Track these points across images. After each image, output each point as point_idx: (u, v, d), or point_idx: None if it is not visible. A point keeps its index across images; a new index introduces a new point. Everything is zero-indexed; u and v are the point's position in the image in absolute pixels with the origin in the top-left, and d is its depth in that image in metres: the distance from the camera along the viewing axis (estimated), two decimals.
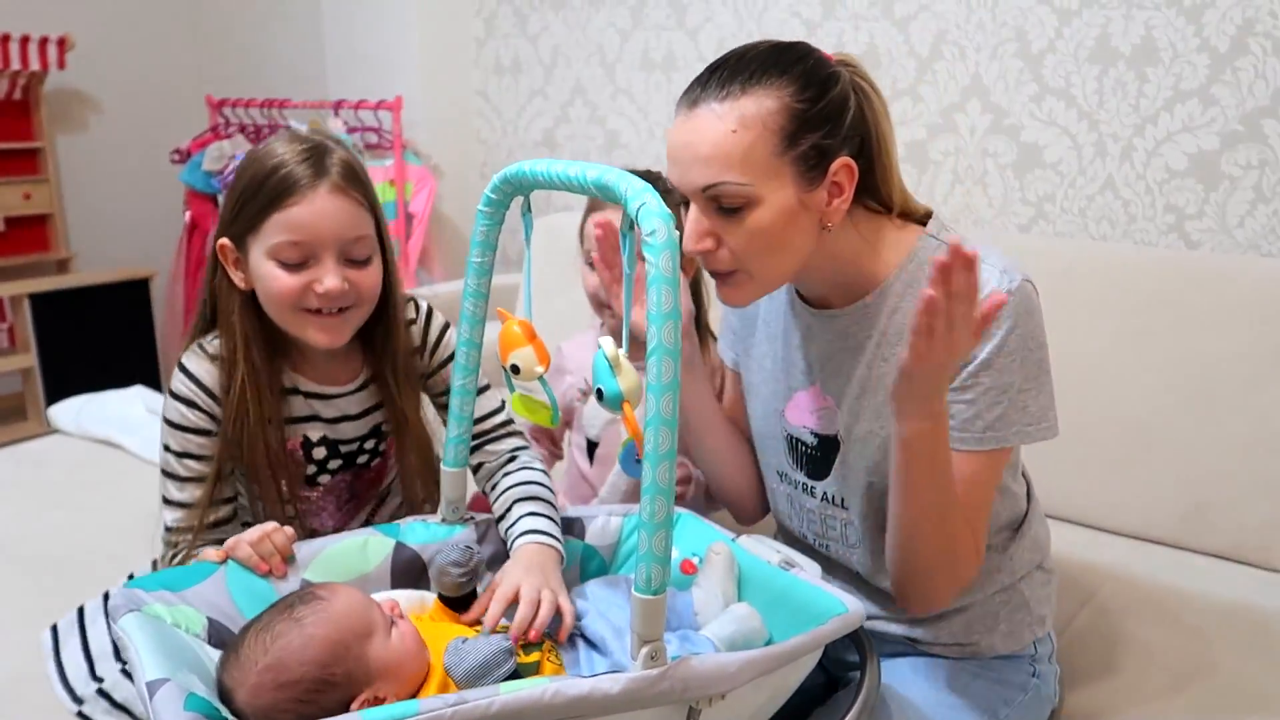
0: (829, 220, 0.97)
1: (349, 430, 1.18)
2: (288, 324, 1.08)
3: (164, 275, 3.42)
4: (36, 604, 1.30)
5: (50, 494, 1.67)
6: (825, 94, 0.94)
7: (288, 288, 1.04)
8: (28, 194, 3.33)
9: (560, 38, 2.73)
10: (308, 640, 0.84)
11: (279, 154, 1.05)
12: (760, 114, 0.92)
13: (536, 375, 0.95)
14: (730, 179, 0.93)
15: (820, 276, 1.04)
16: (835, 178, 0.96)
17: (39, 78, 3.28)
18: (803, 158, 0.94)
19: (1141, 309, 1.57)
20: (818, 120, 0.94)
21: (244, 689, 0.83)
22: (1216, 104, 1.74)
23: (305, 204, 1.02)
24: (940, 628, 1.09)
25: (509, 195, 0.97)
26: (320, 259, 1.04)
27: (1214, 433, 1.49)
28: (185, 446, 1.10)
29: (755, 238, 0.95)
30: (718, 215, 0.96)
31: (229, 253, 1.07)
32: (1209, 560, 1.49)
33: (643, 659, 0.78)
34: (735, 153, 0.92)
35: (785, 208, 0.94)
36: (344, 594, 0.90)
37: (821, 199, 0.96)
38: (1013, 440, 0.98)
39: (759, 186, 0.93)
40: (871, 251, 1.02)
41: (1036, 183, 1.97)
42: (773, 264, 0.98)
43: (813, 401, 1.09)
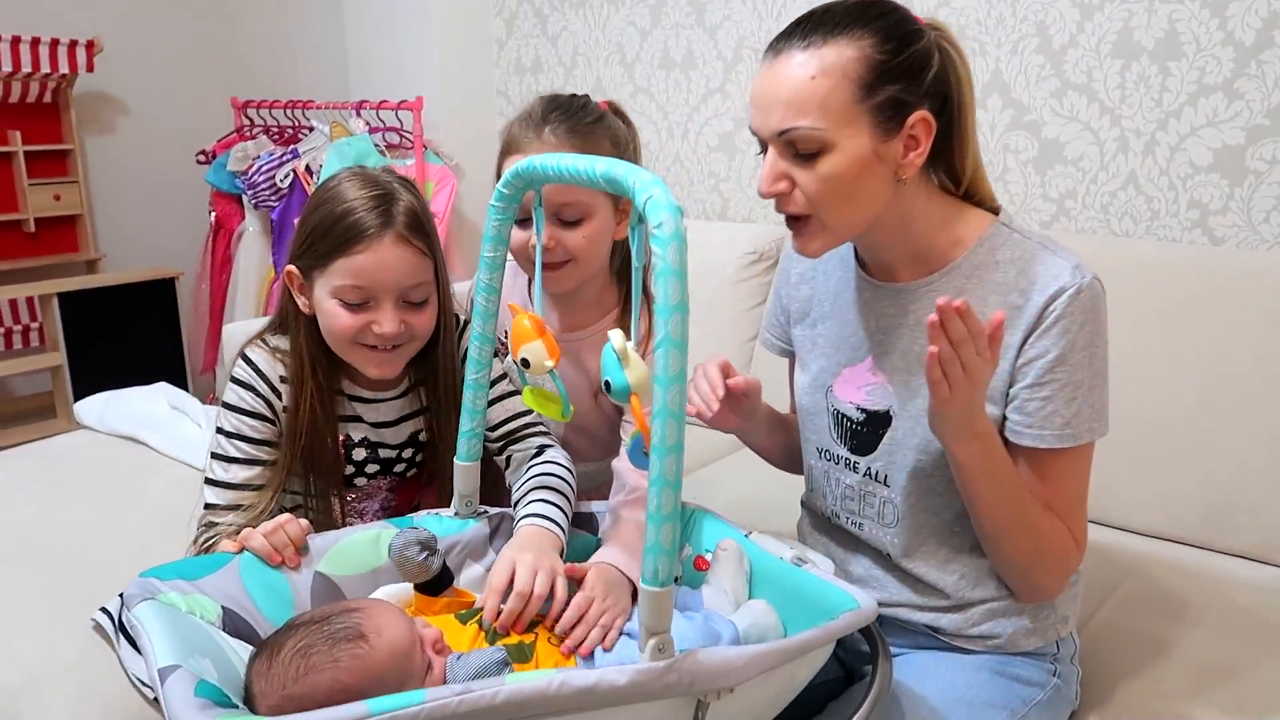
0: (904, 174, 0.98)
1: (389, 435, 1.21)
2: (344, 354, 1.14)
3: (190, 275, 3.46)
4: (62, 597, 1.32)
5: (75, 489, 1.69)
6: (907, 47, 0.96)
7: (347, 325, 1.09)
8: (58, 195, 3.38)
9: (580, 37, 2.74)
10: (336, 686, 0.83)
11: (350, 198, 1.09)
12: (840, 62, 0.94)
13: (547, 369, 0.95)
14: (806, 123, 0.94)
15: (891, 242, 1.05)
16: (912, 131, 0.97)
17: (68, 80, 3.32)
18: (880, 108, 0.95)
19: (1165, 306, 1.55)
20: (897, 72, 0.95)
21: (266, 704, 0.83)
22: (1241, 98, 1.71)
23: (370, 253, 1.07)
24: (965, 619, 1.08)
25: (520, 190, 0.97)
26: (380, 303, 1.09)
27: (1237, 431, 1.47)
28: (238, 428, 1.14)
29: (828, 183, 0.96)
30: (794, 160, 0.97)
31: (295, 279, 1.13)
32: (1231, 560, 1.47)
33: (650, 651, 0.78)
34: (813, 98, 0.94)
35: (859, 155, 0.95)
36: (389, 638, 0.86)
37: (897, 151, 0.97)
38: (1089, 436, 1.00)
39: (834, 132, 0.94)
40: (944, 227, 1.04)
41: (1058, 179, 1.95)
42: (844, 212, 0.99)
43: (863, 377, 1.10)
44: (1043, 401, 0.98)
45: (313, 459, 1.16)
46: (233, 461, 1.14)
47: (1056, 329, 0.97)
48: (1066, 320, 0.97)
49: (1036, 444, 0.99)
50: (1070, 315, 0.96)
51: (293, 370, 1.15)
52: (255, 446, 1.14)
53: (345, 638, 0.85)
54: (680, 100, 2.56)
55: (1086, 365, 0.98)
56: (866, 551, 1.14)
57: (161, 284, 3.40)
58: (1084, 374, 0.98)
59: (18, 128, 3.26)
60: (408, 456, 1.23)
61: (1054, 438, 0.99)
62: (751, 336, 2.12)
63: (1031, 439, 0.99)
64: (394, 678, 0.85)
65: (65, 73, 3.25)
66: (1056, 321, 0.97)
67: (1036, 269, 0.99)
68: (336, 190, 1.11)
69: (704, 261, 2.12)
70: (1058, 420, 0.98)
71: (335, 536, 1.05)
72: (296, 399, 1.14)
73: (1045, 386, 0.98)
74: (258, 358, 1.16)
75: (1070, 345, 0.97)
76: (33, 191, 3.31)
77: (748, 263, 2.14)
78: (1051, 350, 0.97)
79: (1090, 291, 0.97)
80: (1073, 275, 0.97)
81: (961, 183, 1.05)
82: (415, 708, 0.72)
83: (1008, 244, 1.02)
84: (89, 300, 3.21)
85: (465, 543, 1.10)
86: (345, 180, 1.12)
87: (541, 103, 1.24)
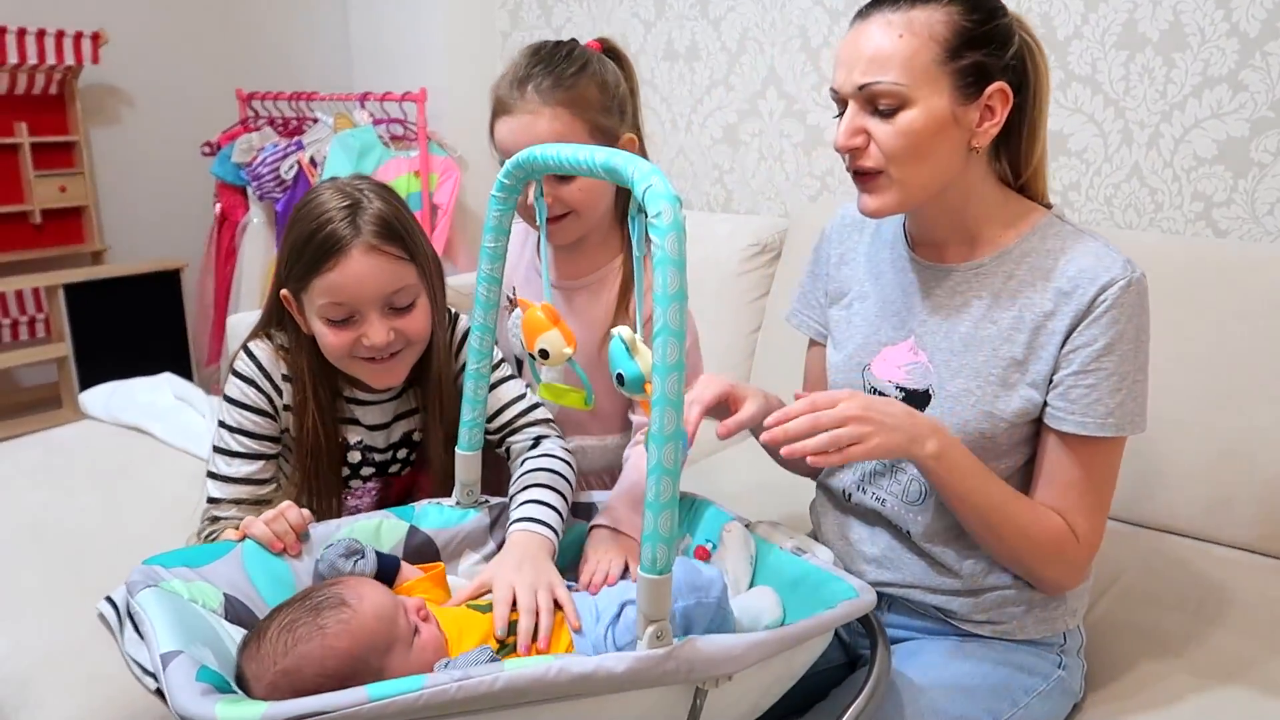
0: (977, 142, 1.00)
1: (383, 438, 1.22)
2: (345, 369, 1.14)
3: (194, 266, 3.47)
4: (68, 585, 1.33)
5: (80, 479, 1.70)
6: (992, 19, 0.99)
7: (339, 343, 1.09)
8: (63, 187, 3.39)
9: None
10: (327, 652, 0.84)
11: (323, 210, 1.08)
12: (928, 23, 0.97)
13: (566, 357, 0.96)
14: (889, 79, 0.97)
15: (948, 219, 1.07)
16: (989, 100, 0.99)
17: (74, 72, 3.33)
18: (962, 72, 0.97)
19: (1168, 298, 1.54)
20: (981, 40, 0.97)
21: (260, 685, 0.84)
22: (1246, 89, 1.71)
23: (340, 270, 1.06)
24: (975, 603, 1.08)
25: (521, 180, 0.97)
26: (365, 315, 1.08)
27: (1240, 423, 1.46)
28: (240, 423, 1.15)
29: (904, 138, 0.98)
30: (872, 115, 0.99)
31: (290, 302, 1.13)
32: (1233, 552, 1.47)
33: (648, 638, 0.78)
34: (898, 55, 0.96)
35: (937, 115, 0.97)
36: (371, 601, 0.89)
37: (973, 118, 0.99)
38: (1129, 430, 1.01)
39: (915, 89, 0.97)
40: (1000, 211, 1.06)
41: (1062, 171, 1.95)
42: (916, 170, 1.00)
43: (903, 356, 1.10)
44: (1087, 389, 0.99)
45: (315, 471, 1.17)
46: (235, 456, 1.15)
47: (1106, 319, 0.98)
48: (1116, 311, 0.98)
49: (1078, 430, 1.00)
50: (1120, 307, 0.98)
51: (295, 391, 1.15)
52: (257, 441, 1.15)
53: (328, 606, 0.87)
54: (684, 92, 2.56)
55: (1132, 358, 0.99)
56: (887, 528, 1.13)
57: (166, 275, 3.41)
58: (1129, 366, 0.99)
59: (23, 119, 3.27)
60: (401, 457, 1.24)
61: (1096, 425, 1.00)
62: (754, 329, 2.12)
63: (1073, 425, 1.00)
64: (382, 639, 0.87)
65: (71, 64, 3.25)
66: (1107, 311, 0.98)
67: (1088, 259, 1.00)
68: (313, 201, 1.10)
69: (707, 254, 2.12)
70: (1100, 409, 0.99)
71: (336, 525, 1.06)
72: (300, 418, 1.15)
73: (1091, 374, 0.99)
74: (260, 353, 1.16)
75: (1119, 336, 0.98)
76: (38, 183, 3.32)
77: (751, 255, 2.14)
78: (1100, 339, 0.99)
79: (1139, 286, 0.99)
80: (1124, 269, 0.99)
81: (1022, 174, 1.07)
82: (414, 694, 0.72)
83: (1059, 234, 1.04)
84: (94, 291, 3.22)
85: (466, 533, 1.11)
86: (320, 193, 1.11)
87: (525, 57, 1.22)
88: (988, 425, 1.04)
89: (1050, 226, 1.05)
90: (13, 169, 3.30)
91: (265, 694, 0.83)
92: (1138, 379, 1.00)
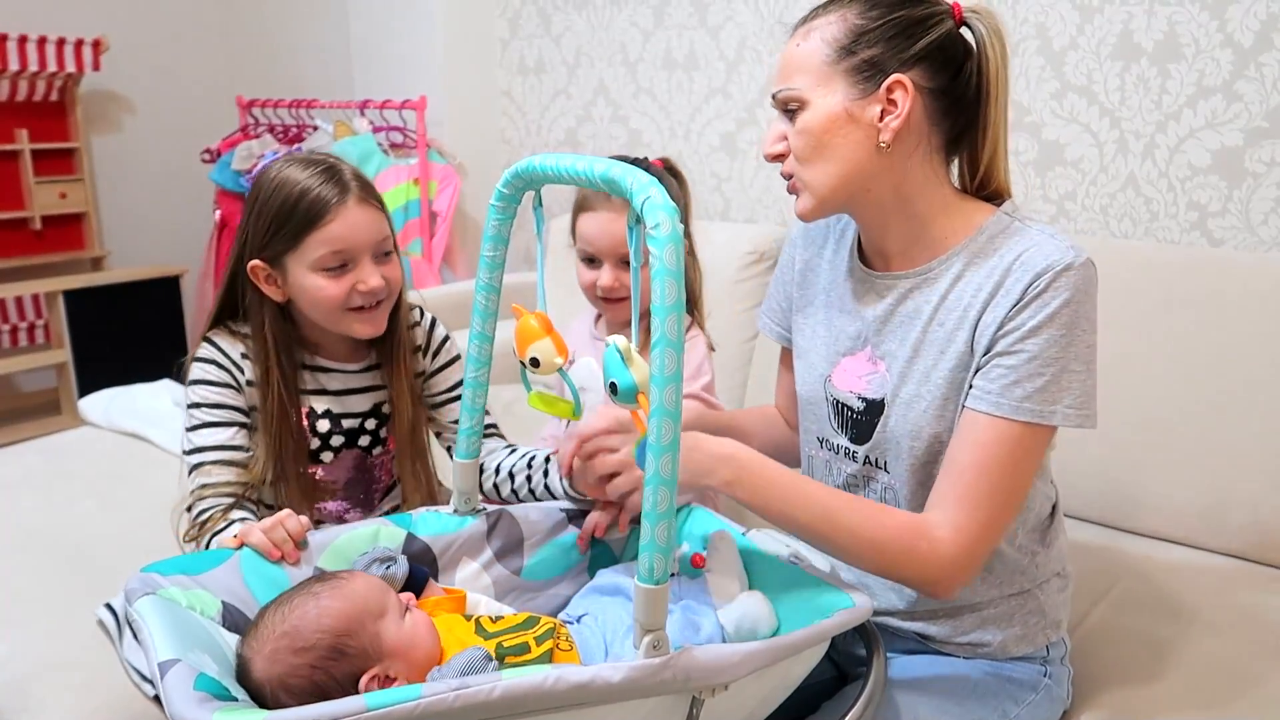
0: (883, 136, 1.00)
1: (352, 404, 1.27)
2: (334, 323, 1.20)
3: (194, 272, 3.48)
4: (67, 590, 1.34)
5: (80, 485, 1.70)
6: (893, 13, 0.99)
7: (336, 293, 1.16)
8: (63, 193, 3.40)
9: (583, 38, 2.75)
10: (324, 610, 0.88)
11: (299, 179, 1.16)
12: (824, 28, 1.01)
13: (557, 367, 0.96)
14: (788, 85, 1.02)
15: (890, 222, 1.06)
16: (890, 95, 0.99)
17: (75, 79, 3.34)
18: (855, 69, 0.99)
19: (1163, 307, 1.56)
20: (874, 36, 0.99)
21: (261, 656, 0.86)
22: (1240, 100, 1.72)
23: (341, 219, 1.15)
24: (954, 626, 1.09)
25: (520, 190, 0.98)
26: (359, 262, 1.17)
27: (1235, 431, 1.47)
28: (206, 397, 1.20)
29: (800, 137, 1.02)
30: (787, 121, 1.04)
31: (260, 271, 1.18)
32: (1228, 560, 1.47)
33: (645, 648, 0.79)
34: (797, 61, 1.02)
35: (830, 113, 1.00)
36: (362, 577, 0.94)
37: (874, 114, 0.99)
38: (1055, 419, 0.95)
39: (809, 90, 1.01)
40: (944, 213, 1.05)
41: (1058, 180, 1.96)
42: (817, 169, 1.02)
43: (863, 366, 1.10)
44: (1006, 370, 0.95)
45: (280, 439, 1.20)
46: (208, 426, 1.19)
47: (1036, 302, 0.95)
48: (1050, 294, 0.94)
49: (990, 410, 0.96)
50: (1053, 289, 0.94)
51: (258, 357, 1.20)
52: (226, 411, 1.20)
53: (317, 580, 0.92)
54: (682, 101, 2.57)
55: (1063, 343, 0.95)
56: None
57: (166, 281, 3.42)
58: (1058, 351, 0.94)
59: (25, 126, 3.28)
60: (371, 428, 1.28)
61: (1010, 408, 0.95)
62: (751, 336, 2.13)
63: (987, 404, 0.96)
64: (375, 604, 0.90)
65: (72, 71, 3.27)
66: (1038, 296, 0.95)
67: (1029, 251, 0.97)
68: (280, 176, 1.17)
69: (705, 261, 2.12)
70: (1017, 391, 0.95)
71: (335, 532, 1.06)
72: (264, 385, 1.19)
73: (1013, 355, 0.95)
74: (218, 338, 1.22)
75: (1049, 318, 0.94)
76: (39, 189, 3.33)
77: (748, 263, 2.15)
78: (1029, 321, 0.95)
79: (1080, 271, 0.95)
80: (1065, 254, 0.95)
81: (978, 173, 1.06)
82: (411, 703, 0.73)
83: (1007, 231, 1.02)
84: (94, 297, 3.23)
85: (464, 540, 1.11)
86: (283, 169, 1.18)
87: None
88: (943, 430, 1.02)
89: (998, 224, 1.03)
90: (13, 175, 3.31)
91: (265, 665, 0.85)
92: (1071, 368, 0.95)
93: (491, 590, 1.11)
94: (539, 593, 1.13)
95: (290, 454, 1.21)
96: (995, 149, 1.05)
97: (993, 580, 1.08)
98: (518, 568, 1.13)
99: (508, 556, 1.12)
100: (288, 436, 1.21)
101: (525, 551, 1.13)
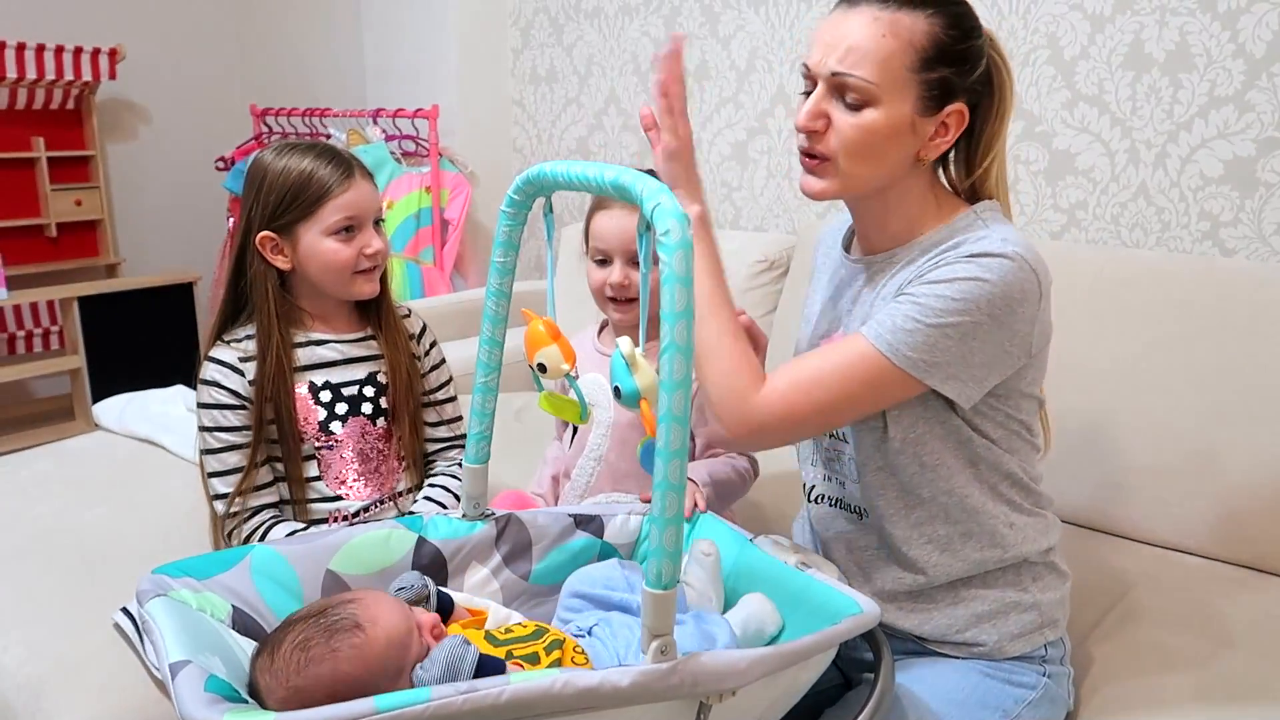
0: (926, 154, 1.02)
1: (349, 372, 1.36)
2: (342, 285, 1.31)
3: (207, 279, 3.50)
4: (81, 593, 1.34)
5: (93, 489, 1.71)
6: (968, 38, 1.01)
7: (348, 256, 1.30)
8: (79, 200, 3.43)
9: (595, 47, 2.76)
10: (338, 677, 0.85)
11: (307, 157, 1.29)
12: (910, 29, 0.98)
13: (563, 372, 0.97)
14: (862, 73, 0.98)
15: (884, 218, 1.08)
16: (946, 118, 1.01)
17: (91, 88, 3.38)
18: (930, 84, 0.99)
19: (1175, 317, 1.55)
20: (954, 57, 1.00)
21: (274, 699, 0.85)
22: (1252, 110, 1.72)
23: (354, 190, 1.29)
24: (949, 624, 1.09)
25: (531, 196, 0.99)
26: (363, 228, 1.31)
27: (1247, 442, 1.46)
28: (216, 421, 1.30)
29: (861, 133, 1.00)
30: (837, 103, 1.01)
31: (268, 242, 1.29)
32: (1240, 570, 1.46)
33: (653, 653, 0.79)
34: (877, 52, 0.98)
35: (897, 121, 1.00)
36: (384, 627, 0.88)
37: (928, 130, 1.01)
38: (915, 369, 0.97)
39: (884, 90, 0.98)
40: (928, 213, 1.07)
41: (1069, 190, 1.96)
42: (865, 166, 1.02)
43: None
44: (889, 309, 0.99)
45: (281, 406, 1.29)
46: (222, 451, 1.29)
47: (949, 267, 0.97)
48: (960, 265, 0.97)
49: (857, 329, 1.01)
50: (968, 262, 0.97)
51: (260, 324, 1.30)
52: (237, 434, 1.30)
53: (342, 629, 0.87)
54: (693, 110, 2.57)
55: (941, 303, 0.96)
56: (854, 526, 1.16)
57: (180, 288, 3.44)
58: (937, 306, 0.96)
59: (41, 134, 3.31)
60: (370, 395, 1.36)
61: (871, 332, 0.98)
62: None
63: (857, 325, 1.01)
64: (393, 664, 0.87)
65: (88, 80, 3.30)
66: (953, 263, 0.97)
67: (975, 240, 1.00)
68: (288, 159, 1.28)
69: None
70: (885, 319, 0.98)
71: (347, 535, 1.07)
72: (263, 351, 1.29)
73: (901, 299, 0.99)
74: (221, 354, 1.31)
75: (947, 280, 0.96)
76: (55, 197, 3.36)
77: (759, 270, 2.15)
78: (930, 274, 0.98)
79: (1013, 267, 0.96)
80: (997, 245, 0.97)
81: (969, 180, 1.09)
82: (420, 706, 0.73)
83: (971, 226, 1.05)
84: (108, 304, 3.25)
85: (473, 544, 1.12)
86: (284, 153, 1.29)
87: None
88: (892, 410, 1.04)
89: (962, 220, 1.05)
90: (30, 183, 3.34)
91: (277, 706, 0.84)
92: (942, 328, 0.96)
93: (500, 595, 1.12)
94: (547, 597, 1.13)
95: (293, 430, 1.30)
96: (993, 162, 1.08)
97: (959, 533, 1.08)
98: (526, 572, 1.13)
99: (516, 561, 1.13)
100: (290, 407, 1.30)
101: (533, 556, 1.14)
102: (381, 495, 1.37)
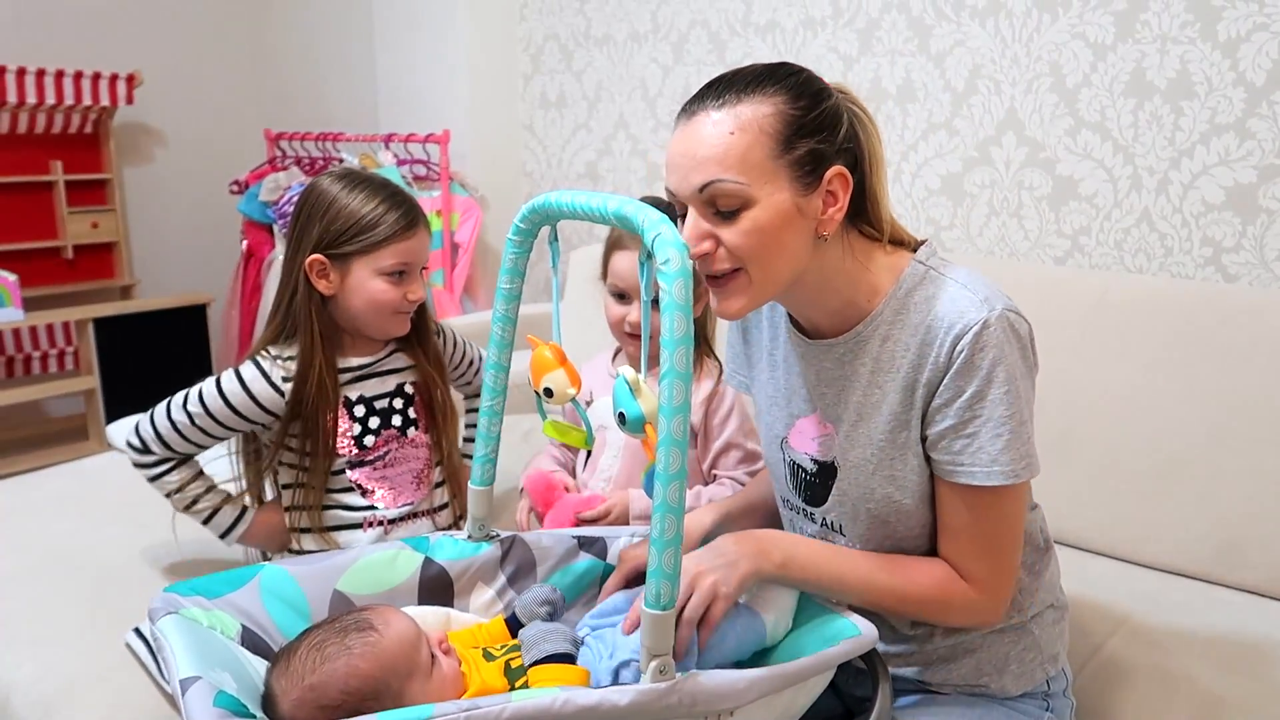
0: (824, 229, 0.97)
1: (379, 385, 1.39)
2: (382, 322, 1.35)
3: (221, 301, 3.54)
4: (93, 611, 1.36)
5: (106, 509, 1.73)
6: (819, 104, 0.96)
7: (393, 298, 1.33)
8: (95, 223, 3.48)
9: (604, 73, 2.80)
10: (352, 671, 0.89)
11: (377, 200, 1.32)
12: (756, 118, 0.94)
13: (569, 398, 0.98)
14: (727, 177, 0.93)
15: (814, 300, 1.04)
16: (830, 186, 0.96)
17: (109, 112, 3.43)
18: (798, 162, 0.95)
19: (1177, 342, 1.56)
20: (812, 127, 0.95)
21: (288, 700, 0.88)
22: (1253, 138, 1.73)
23: (416, 238, 1.34)
24: (950, 670, 1.08)
25: (536, 225, 1.01)
26: (413, 276, 1.35)
27: (1249, 467, 1.47)
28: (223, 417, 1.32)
29: (752, 236, 0.95)
30: (715, 217, 0.96)
31: (316, 265, 1.31)
32: (1241, 595, 1.47)
33: (651, 672, 0.81)
34: (732, 153, 0.93)
35: (782, 210, 0.95)
36: (396, 629, 0.93)
37: (817, 206, 0.97)
38: (1021, 475, 0.97)
39: (755, 187, 0.94)
40: (864, 277, 1.03)
41: (1072, 215, 1.97)
42: (771, 267, 0.97)
43: (815, 428, 1.09)
44: (968, 439, 0.96)
45: (315, 426, 1.32)
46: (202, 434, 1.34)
47: (968, 366, 0.95)
48: (977, 356, 0.94)
49: (968, 481, 0.97)
50: (981, 350, 0.94)
51: (303, 346, 1.32)
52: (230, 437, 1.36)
53: (356, 629, 0.92)
54: None
55: (1006, 400, 0.95)
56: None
57: (193, 310, 3.48)
58: (1004, 410, 0.95)
59: (59, 158, 3.37)
60: (399, 407, 1.40)
61: (983, 474, 0.96)
62: None
63: (964, 476, 0.98)
64: (404, 665, 0.91)
65: (106, 105, 3.35)
66: (968, 359, 0.95)
67: (944, 307, 0.97)
68: (359, 195, 1.31)
69: None
70: (984, 457, 0.96)
71: (354, 555, 1.09)
72: (305, 371, 1.31)
73: (968, 425, 0.96)
74: (266, 365, 1.34)
75: (986, 380, 0.95)
76: (71, 219, 3.41)
77: None
78: (967, 388, 0.95)
79: (999, 325, 0.95)
80: (978, 310, 0.95)
81: (883, 235, 1.04)
82: None
83: (922, 283, 1.01)
84: (123, 325, 3.29)
85: (479, 565, 1.14)
86: (354, 187, 1.32)
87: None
88: (894, 489, 1.02)
89: (913, 276, 1.01)
90: (47, 205, 3.40)
91: (291, 709, 0.88)
92: (1021, 420, 0.96)
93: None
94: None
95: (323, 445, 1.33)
96: (891, 217, 1.05)
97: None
98: None
99: (521, 582, 1.15)
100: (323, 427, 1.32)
101: (538, 577, 1.15)
102: (414, 504, 1.39)
